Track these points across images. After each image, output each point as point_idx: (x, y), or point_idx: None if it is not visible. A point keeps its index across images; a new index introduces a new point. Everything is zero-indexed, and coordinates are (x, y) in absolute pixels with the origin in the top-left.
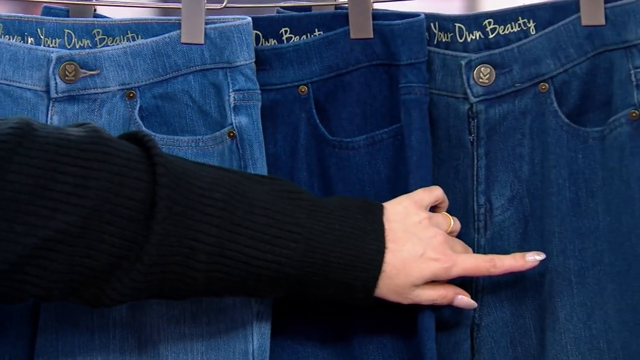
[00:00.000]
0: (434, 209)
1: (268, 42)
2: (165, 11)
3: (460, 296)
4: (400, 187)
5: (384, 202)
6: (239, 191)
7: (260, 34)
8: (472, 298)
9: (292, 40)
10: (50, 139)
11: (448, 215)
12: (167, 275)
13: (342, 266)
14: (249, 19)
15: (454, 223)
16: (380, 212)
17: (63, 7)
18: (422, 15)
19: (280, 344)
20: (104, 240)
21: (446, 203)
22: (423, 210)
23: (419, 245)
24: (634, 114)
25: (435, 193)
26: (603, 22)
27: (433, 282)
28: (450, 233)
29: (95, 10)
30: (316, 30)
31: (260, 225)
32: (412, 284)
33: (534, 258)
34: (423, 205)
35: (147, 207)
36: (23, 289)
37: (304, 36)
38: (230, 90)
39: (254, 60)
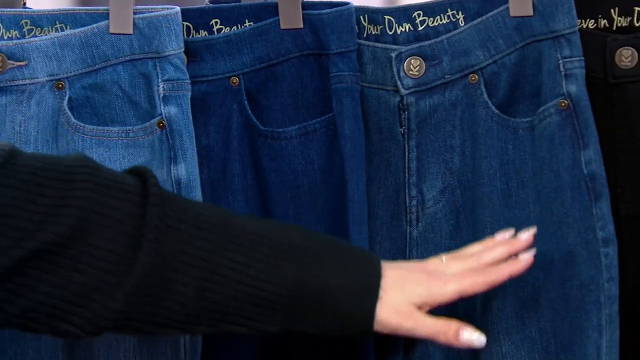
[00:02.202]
0: None
1: (199, 34)
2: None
3: (466, 331)
4: (334, 177)
5: (316, 192)
6: (230, 215)
7: (190, 26)
8: None
9: (222, 32)
10: (37, 156)
11: None
12: (156, 291)
13: (339, 288)
14: (177, 8)
15: None
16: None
17: None
18: (351, 4)
19: (214, 337)
20: (92, 254)
21: None
22: None
23: (415, 267)
24: (563, 104)
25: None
26: (531, 12)
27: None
28: None
29: (24, 3)
30: (246, 21)
31: (254, 243)
32: (410, 301)
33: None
34: None
35: (137, 219)
36: (7, 305)
37: (235, 27)
38: (160, 80)
39: (183, 50)
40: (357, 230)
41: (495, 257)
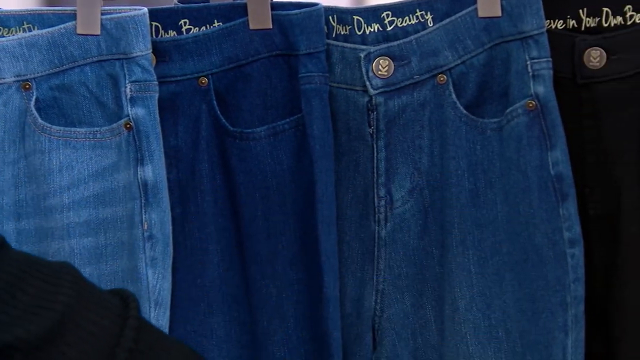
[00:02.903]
0: None
1: (167, 34)
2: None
3: None
4: (303, 178)
5: (285, 192)
6: (201, 357)
7: (159, 26)
8: (372, 290)
9: (191, 32)
10: (23, 253)
11: None
12: None
13: None
14: (145, 9)
15: None
16: None
17: None
18: (320, 5)
19: (182, 337)
20: None
21: None
22: None
23: None
24: (531, 105)
25: None
26: (499, 13)
27: None
28: None
29: None
30: (215, 21)
31: None
32: None
33: None
34: None
35: (112, 337)
36: None
37: (204, 27)
38: (127, 81)
39: (151, 51)
40: (325, 230)
41: None
